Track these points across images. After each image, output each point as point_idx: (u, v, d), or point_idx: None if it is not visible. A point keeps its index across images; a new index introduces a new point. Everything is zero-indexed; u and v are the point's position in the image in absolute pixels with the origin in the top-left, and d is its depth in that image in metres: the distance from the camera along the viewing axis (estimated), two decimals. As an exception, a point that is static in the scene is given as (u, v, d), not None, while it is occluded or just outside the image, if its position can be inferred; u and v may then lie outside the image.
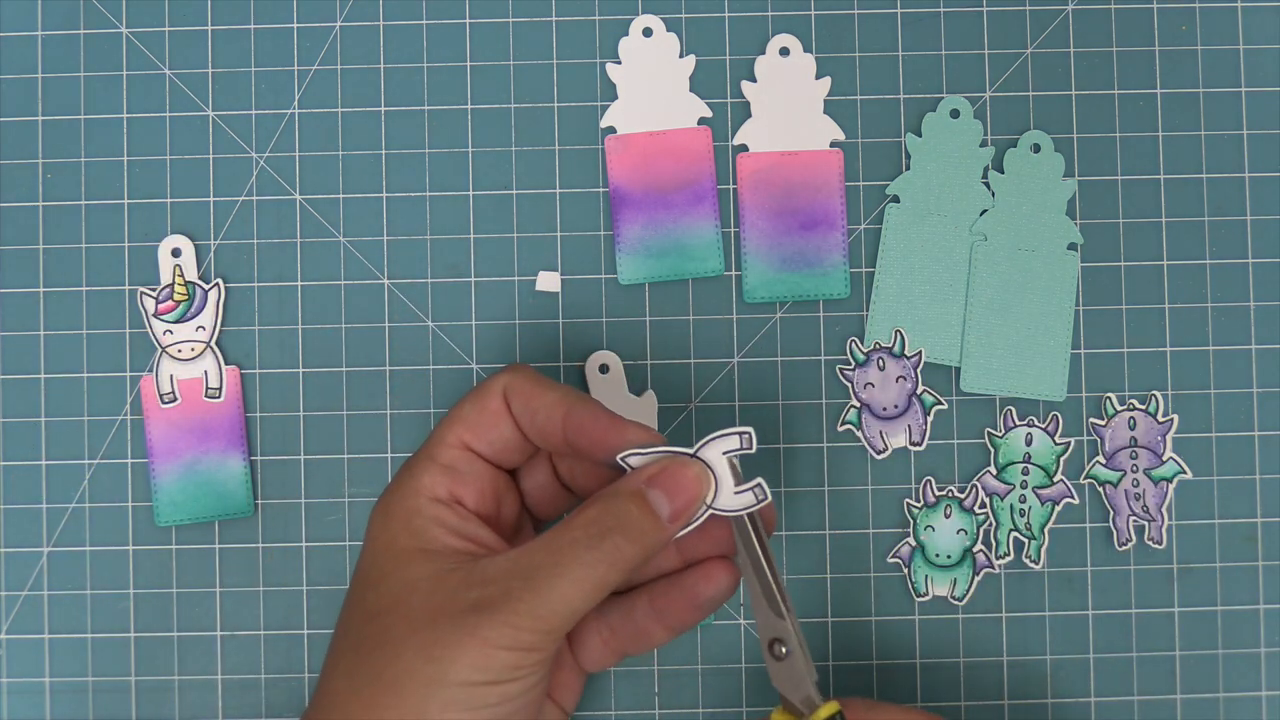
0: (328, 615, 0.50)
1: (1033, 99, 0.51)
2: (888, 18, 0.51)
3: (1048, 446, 0.50)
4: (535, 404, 0.41)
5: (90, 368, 0.50)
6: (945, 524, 0.50)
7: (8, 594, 0.50)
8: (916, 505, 0.50)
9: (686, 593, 0.42)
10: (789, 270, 0.50)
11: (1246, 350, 0.51)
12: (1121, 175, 0.51)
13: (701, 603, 0.42)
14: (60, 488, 0.50)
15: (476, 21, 0.51)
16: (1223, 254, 0.51)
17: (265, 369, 0.51)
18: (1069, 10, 0.51)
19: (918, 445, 0.50)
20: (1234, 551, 0.50)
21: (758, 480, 0.40)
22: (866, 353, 0.50)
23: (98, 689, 0.50)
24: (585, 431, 0.41)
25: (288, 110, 0.51)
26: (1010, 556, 0.50)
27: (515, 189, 0.51)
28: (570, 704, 0.44)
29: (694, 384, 0.50)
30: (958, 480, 0.50)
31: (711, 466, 0.40)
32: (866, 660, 0.50)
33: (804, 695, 0.40)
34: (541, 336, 0.51)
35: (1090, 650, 0.50)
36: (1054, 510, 0.49)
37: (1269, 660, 0.50)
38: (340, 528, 0.50)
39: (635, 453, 0.40)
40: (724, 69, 0.51)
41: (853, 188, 0.51)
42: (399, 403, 0.51)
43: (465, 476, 0.41)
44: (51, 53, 0.51)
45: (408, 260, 0.51)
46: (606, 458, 0.41)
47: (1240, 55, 0.51)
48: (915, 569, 0.50)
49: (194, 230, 0.51)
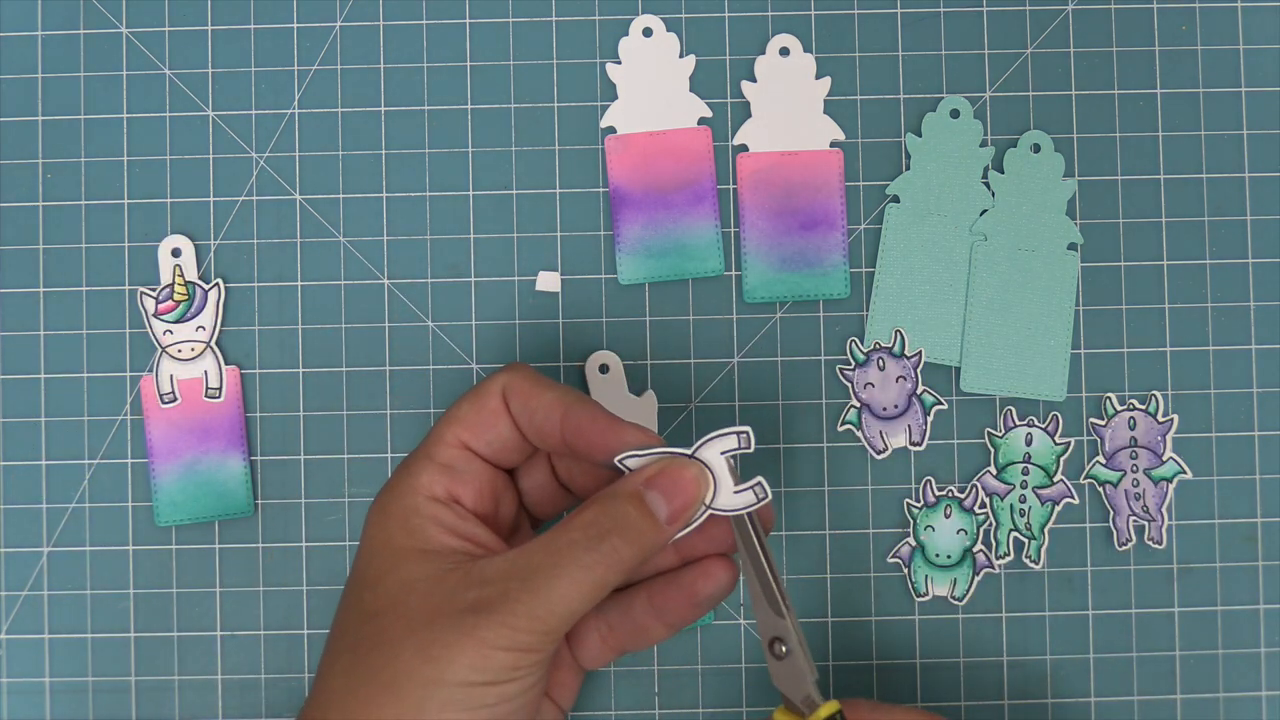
0: (328, 615, 0.50)
1: (1033, 99, 0.51)
2: (888, 18, 0.51)
3: (1048, 446, 0.50)
4: (534, 404, 0.41)
5: (90, 368, 0.50)
6: (945, 524, 0.50)
7: (8, 594, 0.50)
8: (916, 505, 0.50)
9: (685, 590, 0.42)
10: (789, 270, 0.50)
11: (1246, 350, 0.51)
12: (1121, 175, 0.51)
13: (700, 600, 0.42)
14: (60, 488, 0.50)
15: (476, 21, 0.51)
16: (1223, 254, 0.51)
17: (265, 369, 0.51)
18: (1069, 10, 0.51)
19: (918, 445, 0.50)
20: (1234, 551, 0.50)
21: (758, 479, 0.40)
22: (866, 353, 0.50)
23: (98, 689, 0.50)
24: (583, 432, 0.41)
25: (288, 110, 0.51)
26: (1010, 556, 0.50)
27: (515, 189, 0.51)
28: (568, 702, 0.44)
29: (694, 384, 0.50)
30: (958, 480, 0.50)
31: (710, 467, 0.40)
32: (867, 660, 0.50)
33: (804, 695, 0.40)
34: (541, 336, 0.51)
35: (1090, 650, 0.50)
36: (1054, 510, 0.49)
37: (1269, 660, 0.50)
38: (340, 528, 0.50)
39: (633, 455, 0.40)
40: (724, 69, 0.51)
41: (853, 187, 0.51)
42: (399, 403, 0.51)
43: (463, 475, 0.41)
44: (51, 53, 0.51)
45: (408, 260, 0.51)
46: (604, 459, 0.41)
47: (1240, 55, 0.51)
48: (915, 569, 0.50)
49: (194, 230, 0.51)
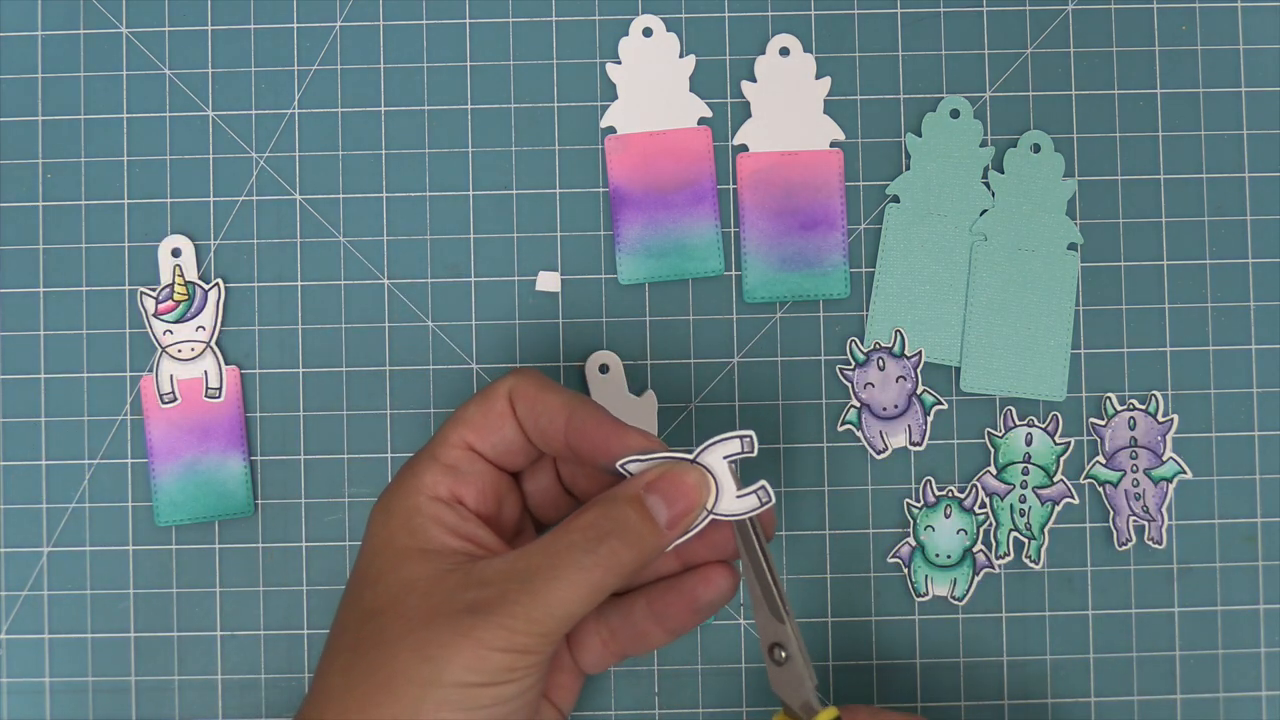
0: (327, 615, 0.50)
1: (1033, 99, 0.51)
2: (888, 18, 0.51)
3: (1048, 446, 0.50)
4: (539, 407, 0.41)
5: (90, 368, 0.50)
6: (945, 524, 0.50)
7: (8, 594, 0.50)
8: (916, 505, 0.50)
9: (685, 596, 0.42)
10: (789, 270, 0.50)
11: (1246, 350, 0.51)
12: (1121, 175, 0.51)
13: (700, 606, 0.42)
14: (60, 488, 0.50)
15: (476, 21, 0.51)
16: (1223, 254, 0.51)
17: (265, 369, 0.51)
18: (1069, 10, 0.51)
19: (918, 445, 0.50)
20: (1234, 551, 0.50)
21: (761, 483, 0.40)
22: (866, 353, 0.50)
23: (98, 689, 0.50)
24: (586, 436, 0.41)
25: (288, 110, 0.51)
26: (1010, 556, 0.50)
27: (515, 189, 0.51)
28: (568, 705, 0.44)
29: (694, 384, 0.50)
30: (958, 480, 0.50)
31: (712, 471, 0.40)
32: (867, 660, 0.50)
33: (803, 701, 0.40)
34: (541, 336, 0.51)
35: (1090, 650, 0.50)
36: (1054, 510, 0.49)
37: (1269, 660, 0.50)
38: (340, 528, 0.50)
39: (635, 459, 0.40)
40: (724, 69, 0.51)
41: (853, 188, 0.51)
42: (399, 403, 0.51)
43: (467, 476, 0.41)
44: (51, 53, 0.51)
45: (408, 260, 0.51)
46: (607, 463, 0.41)
47: (1240, 55, 0.51)
48: (915, 569, 0.50)
49: (194, 230, 0.51)
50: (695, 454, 0.40)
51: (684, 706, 0.50)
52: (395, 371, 0.51)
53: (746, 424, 0.49)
